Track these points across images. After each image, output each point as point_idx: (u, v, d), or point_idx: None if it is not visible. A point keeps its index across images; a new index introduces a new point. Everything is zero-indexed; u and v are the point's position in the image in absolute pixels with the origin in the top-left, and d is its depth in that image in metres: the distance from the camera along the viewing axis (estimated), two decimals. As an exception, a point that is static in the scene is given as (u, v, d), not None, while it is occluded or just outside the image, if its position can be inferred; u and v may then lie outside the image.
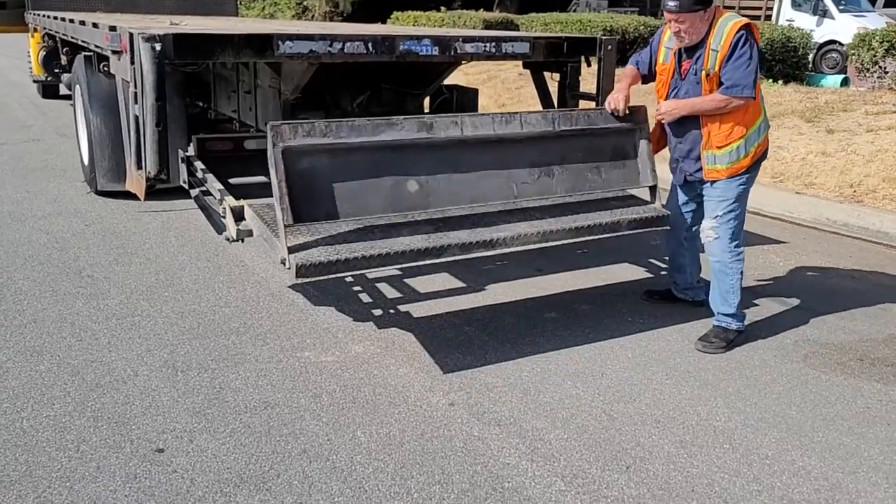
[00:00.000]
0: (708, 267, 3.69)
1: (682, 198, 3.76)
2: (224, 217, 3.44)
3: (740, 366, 3.39)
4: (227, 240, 3.45)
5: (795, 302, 4.17)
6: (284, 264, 2.86)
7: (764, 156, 3.55)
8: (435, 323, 3.78)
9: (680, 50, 3.48)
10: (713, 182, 3.50)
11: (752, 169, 3.51)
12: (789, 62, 11.18)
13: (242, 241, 3.48)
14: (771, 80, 10.42)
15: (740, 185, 3.48)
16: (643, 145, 3.59)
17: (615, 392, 3.14)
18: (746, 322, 3.70)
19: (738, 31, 3.29)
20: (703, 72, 3.36)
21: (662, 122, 3.61)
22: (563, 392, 3.12)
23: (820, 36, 14.81)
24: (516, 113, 3.36)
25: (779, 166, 6.76)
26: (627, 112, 3.53)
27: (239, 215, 3.34)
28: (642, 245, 5.00)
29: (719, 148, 3.41)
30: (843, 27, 14.74)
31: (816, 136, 7.16)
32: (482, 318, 3.85)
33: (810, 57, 12.50)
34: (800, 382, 3.25)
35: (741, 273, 3.58)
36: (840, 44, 14.39)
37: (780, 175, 6.63)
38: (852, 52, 10.20)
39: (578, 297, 4.20)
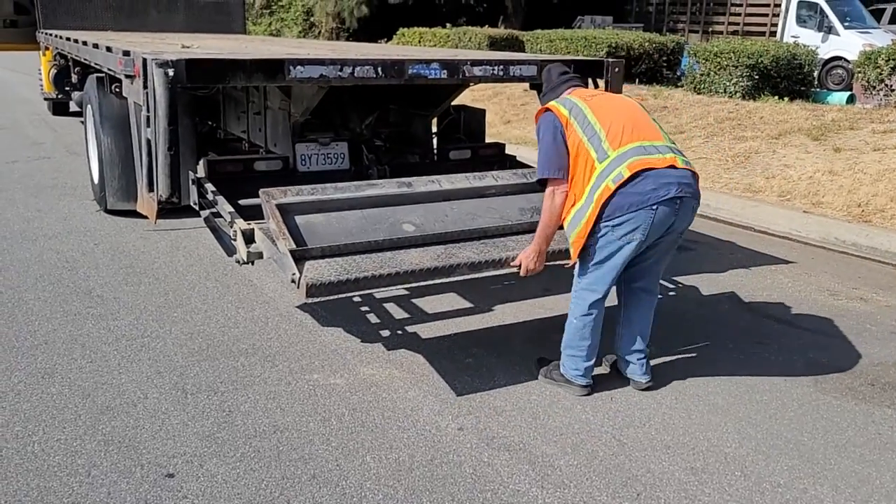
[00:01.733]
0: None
1: None
2: (234, 240, 3.46)
3: (750, 390, 3.38)
4: (238, 262, 3.47)
5: (805, 324, 4.16)
6: (295, 284, 2.87)
7: (619, 213, 2.96)
8: (443, 345, 3.78)
9: None
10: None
11: (604, 220, 2.99)
12: (794, 79, 11.18)
13: (252, 263, 3.51)
14: (776, 97, 10.43)
15: (601, 238, 3.06)
16: None
17: (624, 417, 3.13)
18: (756, 343, 3.69)
19: (537, 119, 3.21)
20: None
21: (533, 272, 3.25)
22: (572, 416, 3.12)
23: (825, 52, 14.84)
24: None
25: (786, 185, 6.76)
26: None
27: (249, 238, 3.35)
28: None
29: (565, 220, 3.14)
30: (848, 44, 14.79)
31: (823, 154, 7.17)
32: (490, 340, 3.85)
33: (816, 73, 12.52)
34: (811, 408, 3.23)
35: (577, 319, 3.24)
36: (846, 60, 14.43)
37: (787, 194, 6.63)
38: (858, 69, 10.22)
39: (587, 318, 4.19)
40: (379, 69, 3.81)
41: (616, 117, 3.06)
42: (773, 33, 17.85)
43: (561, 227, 3.18)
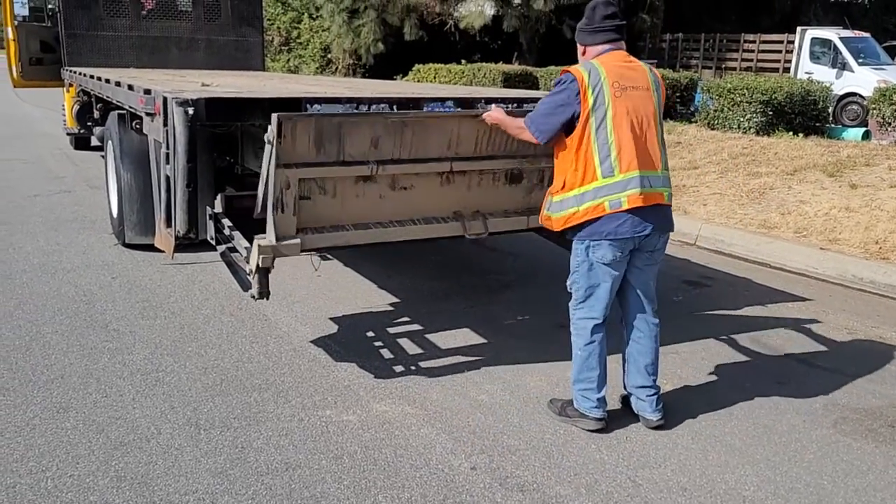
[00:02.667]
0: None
1: None
2: (250, 275, 3.49)
3: (768, 431, 3.33)
4: (253, 297, 3.50)
5: (823, 363, 4.11)
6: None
7: (601, 235, 3.10)
8: (457, 381, 3.77)
9: None
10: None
11: (581, 239, 3.17)
12: (809, 115, 11.19)
13: (267, 298, 3.53)
14: (791, 133, 10.44)
15: (576, 257, 3.24)
16: None
17: (640, 457, 3.09)
18: (774, 382, 3.65)
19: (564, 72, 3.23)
20: None
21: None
22: (586, 456, 3.08)
23: (840, 88, 14.87)
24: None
25: (802, 221, 6.73)
26: None
27: (265, 273, 3.39)
28: (665, 301, 4.96)
29: (556, 194, 3.25)
30: (863, 80, 14.81)
31: (839, 190, 7.14)
32: (503, 377, 3.83)
33: (830, 110, 12.53)
34: (830, 450, 3.18)
35: (582, 350, 3.29)
36: (860, 96, 14.44)
37: (803, 230, 6.60)
38: (873, 106, 10.22)
39: (601, 355, 4.17)
40: (395, 107, 3.86)
41: (632, 134, 3.07)
42: (787, 70, 17.90)
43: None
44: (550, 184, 3.39)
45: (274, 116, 3.20)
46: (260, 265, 3.34)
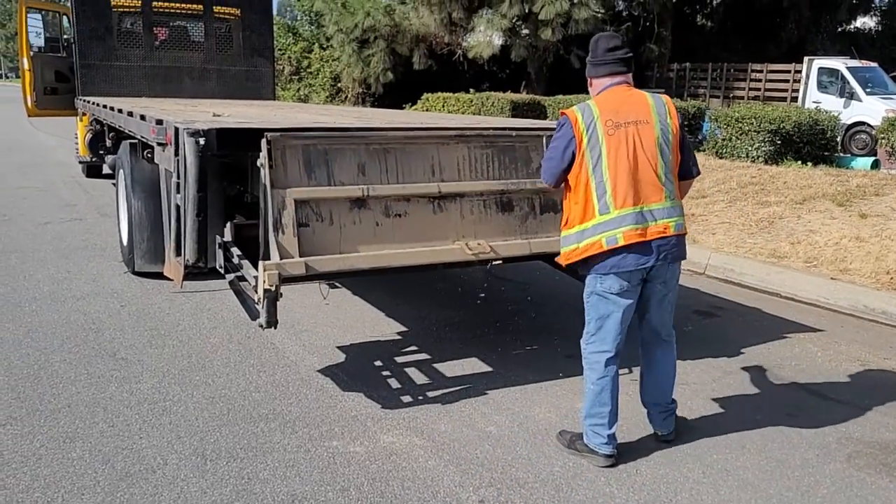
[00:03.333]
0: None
1: None
2: (258, 303, 3.50)
3: (781, 465, 3.28)
4: (261, 326, 3.49)
5: (836, 395, 4.06)
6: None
7: (604, 268, 3.14)
8: (465, 412, 3.74)
9: None
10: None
11: (592, 273, 3.20)
12: (817, 144, 11.20)
13: (275, 327, 3.53)
14: (799, 162, 10.44)
15: (588, 285, 3.26)
16: None
17: (650, 491, 3.05)
18: (787, 415, 3.60)
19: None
20: None
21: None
22: (596, 490, 3.04)
23: (848, 117, 14.90)
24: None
25: (812, 251, 6.69)
26: None
27: (273, 300, 3.39)
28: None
29: (563, 228, 3.32)
30: (871, 109, 14.84)
31: (849, 220, 7.11)
32: (512, 408, 3.80)
33: (839, 139, 12.54)
34: (844, 485, 3.13)
35: (594, 385, 3.26)
36: (869, 125, 14.45)
37: (813, 260, 6.56)
38: (882, 135, 10.23)
39: (610, 386, 4.13)
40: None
41: (628, 170, 3.09)
42: (795, 99, 17.98)
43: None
44: (543, 212, 3.64)
45: (263, 141, 3.44)
46: (266, 286, 3.36)
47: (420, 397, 3.91)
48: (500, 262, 4.26)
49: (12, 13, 61.85)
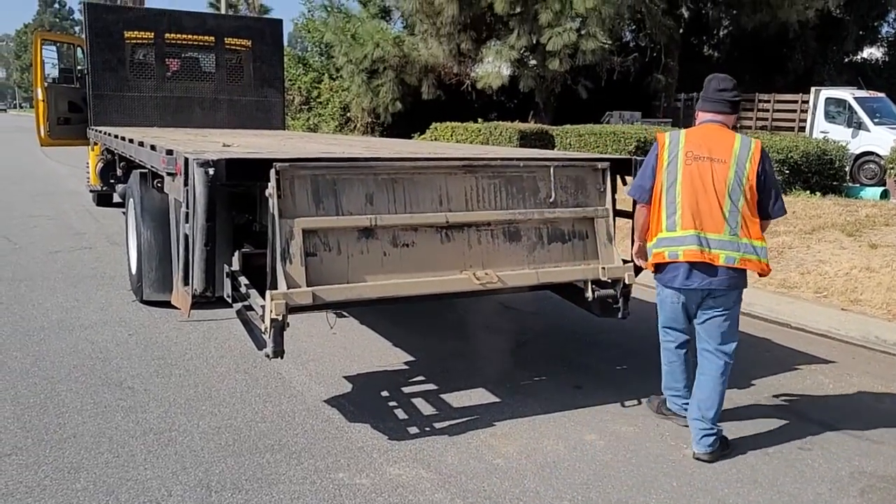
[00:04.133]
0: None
1: None
2: (265, 333, 3.49)
3: (793, 500, 3.22)
4: (268, 357, 3.49)
5: (848, 428, 4.00)
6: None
7: (665, 277, 3.65)
8: (472, 444, 3.70)
9: None
10: None
11: (658, 279, 3.73)
12: (826, 174, 11.22)
13: (282, 357, 3.52)
14: (808, 192, 10.44)
15: (657, 290, 3.82)
16: None
17: (661, 526, 2.99)
18: (798, 449, 3.55)
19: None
20: None
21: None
22: (605, 524, 2.99)
23: (856, 147, 14.92)
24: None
25: (822, 281, 6.66)
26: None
27: (280, 329, 3.39)
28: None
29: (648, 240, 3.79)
30: (879, 139, 14.86)
31: (859, 250, 7.08)
32: (520, 439, 3.76)
33: (847, 169, 12.54)
34: (858, 521, 3.07)
35: (663, 355, 3.97)
36: (877, 155, 14.45)
37: (823, 290, 6.52)
38: (890, 165, 10.22)
39: (619, 417, 4.09)
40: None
41: (696, 200, 3.52)
42: (802, 129, 18.01)
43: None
44: (551, 242, 4.10)
45: (272, 171, 3.48)
46: (274, 315, 3.36)
47: (427, 428, 3.88)
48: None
49: (28, 45, 63.01)
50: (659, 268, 3.67)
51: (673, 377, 3.92)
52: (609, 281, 4.20)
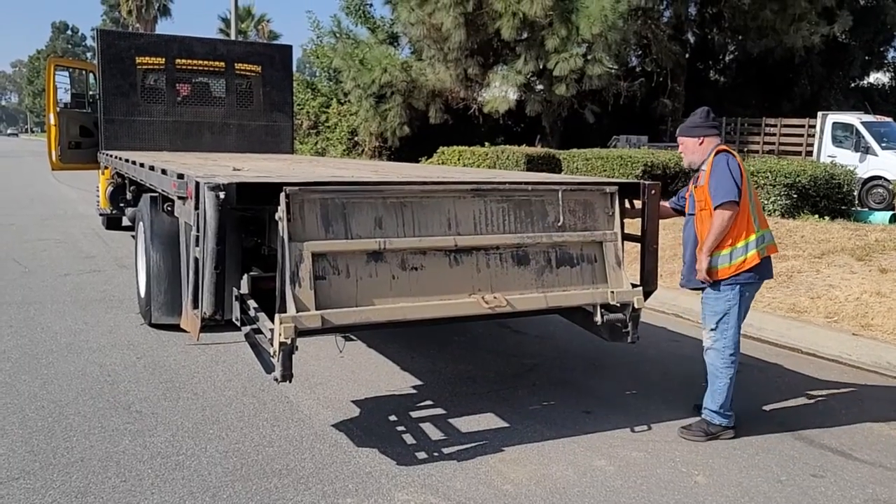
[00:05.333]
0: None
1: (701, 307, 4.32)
2: (274, 356, 3.49)
3: (807, 528, 3.17)
4: (276, 381, 3.48)
5: (862, 456, 3.95)
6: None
7: (753, 277, 4.07)
8: (481, 469, 3.67)
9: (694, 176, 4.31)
10: (707, 292, 4.13)
11: (735, 284, 4.03)
12: (834, 198, 11.19)
13: (290, 381, 3.51)
14: (817, 216, 10.41)
15: (727, 301, 4.05)
16: None
17: (673, 554, 2.95)
18: (811, 476, 3.50)
19: (717, 154, 4.07)
20: (695, 185, 4.18)
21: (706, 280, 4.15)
22: (616, 552, 2.95)
23: (864, 172, 14.90)
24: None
25: (832, 306, 6.61)
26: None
27: (288, 354, 3.39)
28: (695, 386, 4.85)
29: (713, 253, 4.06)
30: (887, 164, 14.84)
31: (869, 275, 7.04)
32: (529, 465, 3.72)
33: (856, 193, 12.51)
34: (874, 550, 3.02)
35: (730, 378, 4.07)
36: (886, 180, 14.43)
37: (834, 315, 6.48)
38: (899, 189, 10.19)
39: (629, 442, 4.05)
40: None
41: (755, 198, 4.12)
42: (809, 153, 18.00)
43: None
44: (560, 265, 4.11)
45: (282, 195, 3.50)
46: (282, 339, 3.36)
47: (435, 453, 3.85)
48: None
49: (41, 70, 63.87)
50: (748, 270, 4.01)
51: (731, 390, 4.10)
52: (618, 305, 4.18)
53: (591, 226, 4.25)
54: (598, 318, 4.21)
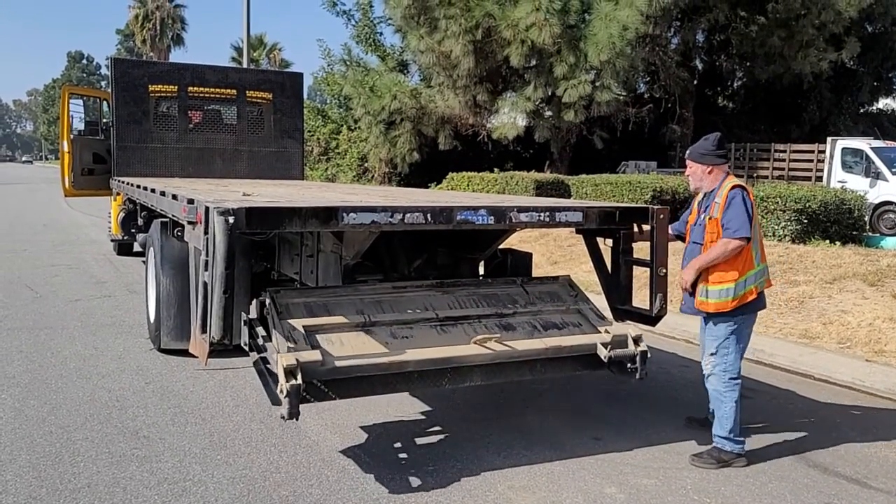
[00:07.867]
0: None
1: (700, 332, 4.41)
2: (281, 393, 3.48)
3: (822, 558, 3.11)
4: (283, 418, 3.46)
5: (876, 484, 3.88)
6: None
7: (754, 306, 4.15)
8: (490, 497, 3.63)
9: (700, 203, 4.34)
10: (707, 319, 4.19)
11: (739, 313, 4.09)
12: (845, 223, 11.13)
13: (297, 418, 3.47)
14: (827, 241, 10.35)
15: (729, 326, 4.10)
16: None
17: (685, 584, 2.90)
18: (825, 500, 3.45)
19: (732, 188, 4.09)
20: (708, 216, 4.15)
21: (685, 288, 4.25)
22: (627, 582, 2.90)
23: (875, 197, 14.84)
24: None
25: (844, 332, 6.55)
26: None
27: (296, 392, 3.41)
28: (705, 412, 4.79)
29: (713, 284, 4.08)
30: (897, 189, 14.78)
31: (882, 300, 6.97)
32: (538, 492, 3.68)
33: (867, 218, 12.45)
34: (891, 581, 2.95)
35: (736, 402, 4.09)
36: (896, 205, 14.37)
37: (846, 341, 6.41)
38: (910, 215, 10.13)
39: (640, 469, 4.00)
40: (428, 215, 3.93)
41: (758, 233, 4.19)
42: (819, 178, 17.97)
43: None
44: (546, 329, 4.19)
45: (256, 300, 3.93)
46: (286, 366, 3.40)
47: (444, 480, 3.81)
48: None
49: (56, 99, 64.84)
50: (750, 303, 4.09)
51: (736, 415, 4.10)
52: (621, 342, 4.19)
53: (562, 307, 4.43)
54: (603, 354, 4.15)
